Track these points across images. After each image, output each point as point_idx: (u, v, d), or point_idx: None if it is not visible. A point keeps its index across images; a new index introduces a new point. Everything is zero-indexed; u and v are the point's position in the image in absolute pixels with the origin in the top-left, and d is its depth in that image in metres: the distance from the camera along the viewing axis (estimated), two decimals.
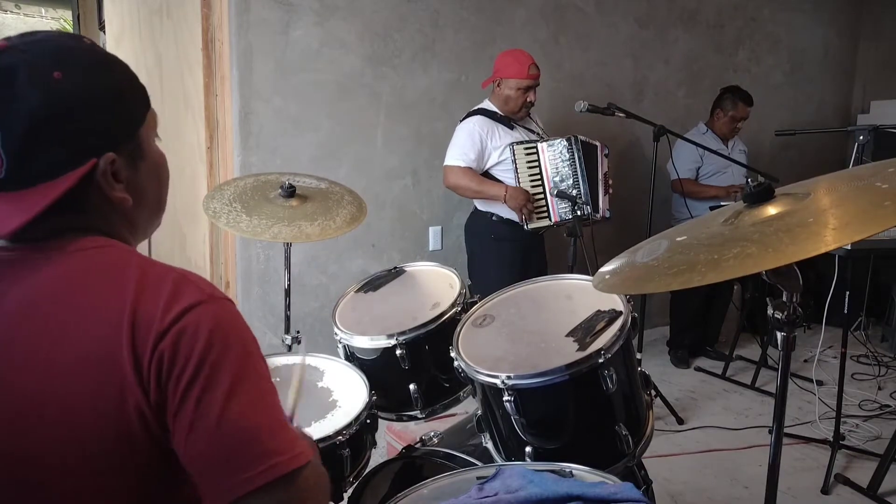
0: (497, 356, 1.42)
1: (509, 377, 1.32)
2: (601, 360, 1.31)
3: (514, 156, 2.89)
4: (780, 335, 1.15)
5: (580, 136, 2.86)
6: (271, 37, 2.97)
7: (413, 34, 3.34)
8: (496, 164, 2.97)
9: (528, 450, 1.38)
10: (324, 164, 3.12)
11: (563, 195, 2.81)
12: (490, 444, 1.48)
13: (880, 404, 3.32)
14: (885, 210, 0.91)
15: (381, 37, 3.25)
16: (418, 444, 1.65)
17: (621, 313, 1.40)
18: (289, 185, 1.96)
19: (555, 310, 1.54)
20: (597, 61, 4.03)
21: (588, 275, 1.51)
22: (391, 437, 2.31)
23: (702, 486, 2.58)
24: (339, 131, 3.19)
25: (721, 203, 3.20)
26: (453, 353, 1.45)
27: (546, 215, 2.92)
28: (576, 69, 3.93)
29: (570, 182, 2.84)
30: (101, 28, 4.74)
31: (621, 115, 3.05)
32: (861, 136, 2.79)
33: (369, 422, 1.56)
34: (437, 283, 1.86)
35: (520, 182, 2.90)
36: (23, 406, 0.74)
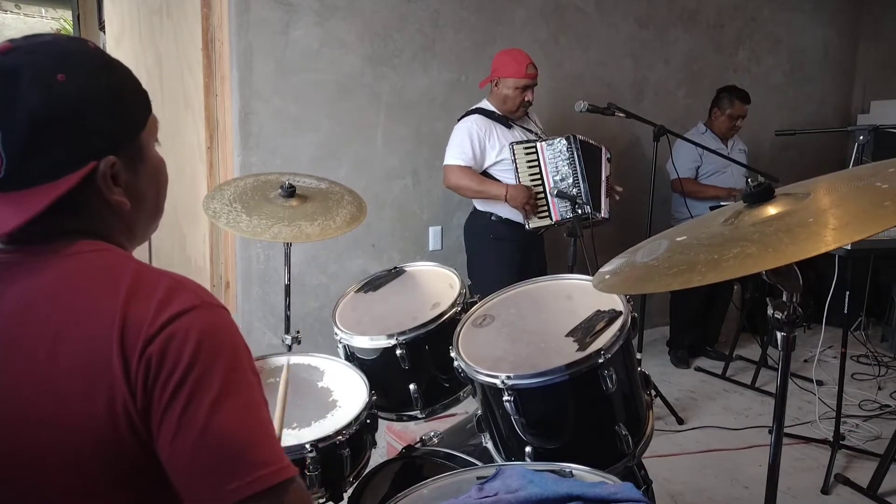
0: (497, 356, 1.42)
1: (509, 377, 1.32)
2: (601, 360, 1.31)
3: (514, 155, 2.89)
4: (780, 335, 1.15)
5: (580, 136, 2.86)
6: (271, 37, 2.97)
7: (413, 34, 3.34)
8: (494, 163, 2.97)
9: (528, 450, 1.38)
10: (324, 164, 3.12)
11: (563, 195, 2.81)
12: (490, 444, 1.48)
13: (880, 404, 3.32)
14: (885, 210, 0.91)
15: (381, 37, 3.25)
16: (418, 444, 1.65)
17: (621, 313, 1.40)
18: (289, 185, 1.96)
19: (555, 310, 1.54)
20: (597, 61, 4.03)
21: (588, 275, 1.51)
22: (391, 437, 2.31)
23: (702, 486, 2.57)
24: (339, 131, 3.19)
25: (721, 203, 3.20)
26: (453, 353, 1.45)
27: (547, 214, 2.91)
28: (576, 69, 3.93)
29: (570, 181, 2.84)
30: (101, 28, 4.73)
31: (621, 115, 3.05)
32: (861, 136, 2.79)
33: (369, 422, 1.56)
34: (437, 283, 1.86)
35: (520, 182, 2.90)
36: (21, 407, 0.74)
